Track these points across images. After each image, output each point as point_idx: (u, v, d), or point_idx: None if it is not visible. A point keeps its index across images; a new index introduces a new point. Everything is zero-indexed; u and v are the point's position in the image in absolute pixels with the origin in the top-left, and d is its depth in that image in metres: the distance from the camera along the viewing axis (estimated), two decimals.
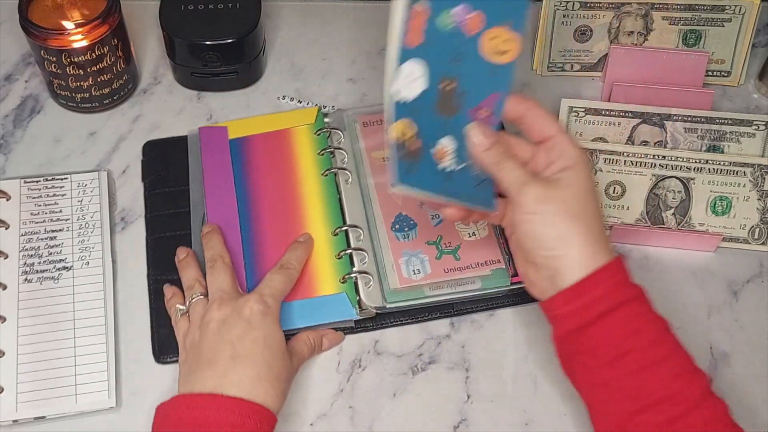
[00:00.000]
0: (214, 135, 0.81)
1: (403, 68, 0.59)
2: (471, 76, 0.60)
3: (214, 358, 0.61)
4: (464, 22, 0.60)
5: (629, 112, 0.81)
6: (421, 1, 0.59)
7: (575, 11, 0.86)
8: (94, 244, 0.75)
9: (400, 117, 0.59)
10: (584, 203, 0.60)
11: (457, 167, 0.61)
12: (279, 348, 0.63)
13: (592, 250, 0.59)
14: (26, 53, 0.89)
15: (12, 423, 0.66)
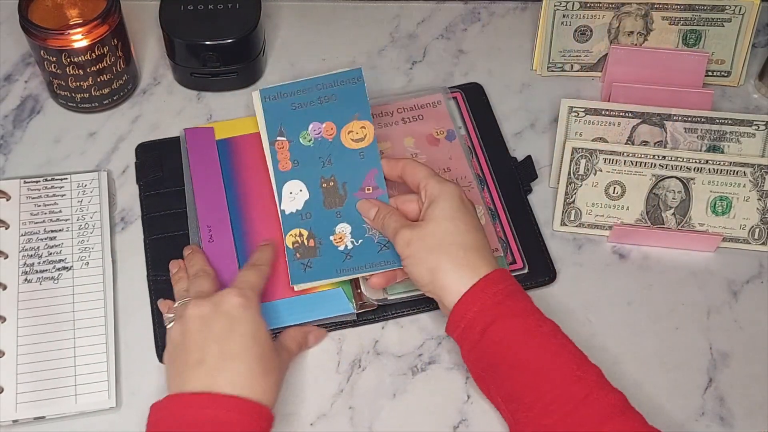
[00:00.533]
0: (200, 136, 0.81)
1: (285, 187, 0.73)
2: (345, 169, 0.73)
3: (203, 357, 0.61)
4: (321, 133, 0.74)
5: (629, 112, 0.81)
6: (278, 138, 0.74)
7: (575, 11, 0.86)
8: (94, 245, 0.75)
9: (291, 228, 0.72)
10: (448, 232, 0.65)
11: (357, 243, 0.71)
12: (266, 340, 0.63)
13: (462, 273, 0.63)
14: (26, 53, 0.89)
15: (12, 423, 0.66)
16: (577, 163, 0.79)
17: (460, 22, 0.94)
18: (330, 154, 0.73)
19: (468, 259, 0.64)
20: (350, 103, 0.75)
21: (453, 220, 0.65)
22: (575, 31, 0.87)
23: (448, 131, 0.82)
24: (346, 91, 0.76)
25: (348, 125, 0.74)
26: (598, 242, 0.79)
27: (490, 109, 0.86)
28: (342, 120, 0.74)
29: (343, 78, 0.76)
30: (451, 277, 0.64)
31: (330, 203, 0.72)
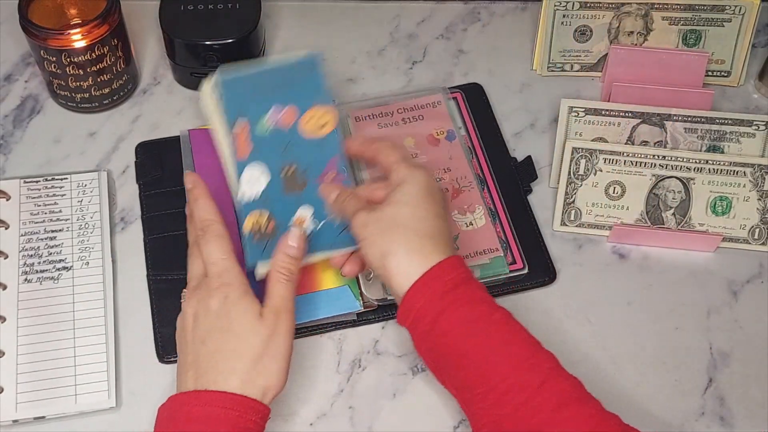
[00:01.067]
0: (206, 137, 0.81)
1: (243, 175, 0.71)
2: (306, 156, 0.72)
3: (196, 359, 0.60)
4: (280, 120, 0.73)
5: (629, 112, 0.81)
6: (238, 122, 0.72)
7: (575, 11, 0.86)
8: (94, 244, 0.75)
9: (248, 212, 0.70)
10: (405, 216, 0.63)
11: (318, 225, 0.70)
12: (252, 330, 0.61)
13: (413, 260, 0.61)
14: (26, 53, 0.89)
15: (12, 423, 0.66)
16: (577, 163, 0.79)
17: (460, 22, 0.94)
18: (288, 144, 0.72)
19: (421, 246, 0.62)
20: (308, 88, 0.74)
21: (413, 205, 0.64)
22: (575, 31, 0.87)
23: (448, 131, 0.82)
24: (303, 78, 0.74)
25: (308, 113, 0.73)
26: (598, 242, 0.79)
27: (490, 109, 0.87)
28: (303, 105, 0.73)
29: (301, 65, 0.75)
30: (401, 263, 0.62)
31: (290, 189, 0.71)
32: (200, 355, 0.60)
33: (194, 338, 0.61)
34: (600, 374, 0.71)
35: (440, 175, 0.79)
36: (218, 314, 0.61)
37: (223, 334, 0.61)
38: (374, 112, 0.83)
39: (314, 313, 0.71)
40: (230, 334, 0.61)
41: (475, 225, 0.76)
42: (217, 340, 0.60)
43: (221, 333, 0.61)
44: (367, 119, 0.82)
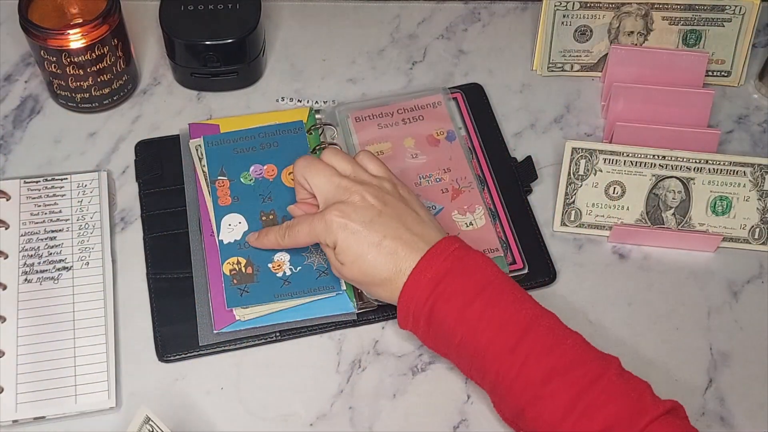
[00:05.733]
0: (206, 132, 0.81)
1: (224, 221, 0.75)
2: (285, 204, 0.74)
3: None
4: (262, 174, 0.77)
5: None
6: (219, 178, 0.77)
7: (575, 11, 0.86)
8: (94, 245, 0.75)
9: (228, 257, 0.73)
10: (358, 269, 0.66)
11: (296, 270, 0.72)
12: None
13: (389, 286, 0.65)
14: (26, 53, 0.89)
15: (12, 423, 0.66)
16: (577, 164, 0.79)
17: (461, 22, 0.94)
18: (270, 192, 0.76)
19: (390, 280, 0.64)
20: (291, 149, 0.79)
21: (353, 259, 0.65)
22: (575, 31, 0.87)
23: (449, 132, 0.82)
24: (287, 139, 0.80)
25: (289, 167, 0.77)
26: (598, 242, 0.79)
27: (490, 109, 0.87)
28: (283, 163, 0.78)
29: (284, 128, 0.80)
30: (382, 293, 0.66)
31: None
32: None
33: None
34: None
35: (440, 175, 0.79)
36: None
37: None
38: (374, 113, 0.83)
39: (308, 313, 0.72)
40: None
41: (475, 225, 0.76)
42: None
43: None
44: (367, 119, 0.82)
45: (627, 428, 0.56)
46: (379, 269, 0.64)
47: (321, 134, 0.82)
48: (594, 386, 0.58)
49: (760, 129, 0.87)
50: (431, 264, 0.63)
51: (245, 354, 0.71)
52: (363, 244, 0.64)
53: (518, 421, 0.61)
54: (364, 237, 0.64)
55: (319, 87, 0.88)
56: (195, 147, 0.80)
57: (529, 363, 0.59)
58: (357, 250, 0.64)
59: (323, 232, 0.65)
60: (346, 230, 0.64)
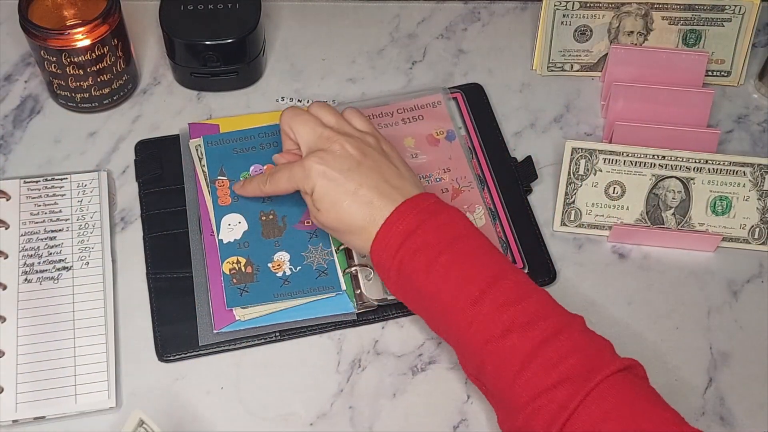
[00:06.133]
0: (205, 132, 0.81)
1: (223, 221, 0.75)
2: (284, 203, 0.75)
3: None
4: (263, 172, 0.77)
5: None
6: (219, 178, 0.77)
7: (575, 11, 0.86)
8: (94, 244, 0.75)
9: (228, 256, 0.73)
10: (333, 217, 0.67)
11: (296, 270, 0.72)
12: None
13: (363, 236, 0.65)
14: (26, 53, 0.89)
15: (12, 423, 0.66)
16: (577, 163, 0.79)
17: (460, 22, 0.94)
18: None
19: (362, 228, 0.65)
20: None
21: (328, 208, 0.66)
22: (575, 31, 0.87)
23: (448, 131, 0.82)
24: None
25: None
26: (598, 242, 0.79)
27: (490, 109, 0.87)
28: None
29: None
30: (356, 244, 0.67)
31: (268, 234, 0.75)
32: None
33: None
34: None
35: (440, 175, 0.79)
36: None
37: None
38: (374, 112, 0.83)
39: (307, 313, 0.72)
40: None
41: (475, 224, 0.76)
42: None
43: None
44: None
45: (582, 383, 0.56)
46: (354, 217, 0.65)
47: None
48: (553, 341, 0.58)
49: (760, 129, 0.87)
50: (404, 216, 0.64)
51: (245, 354, 0.71)
52: (339, 192, 0.65)
53: (480, 376, 0.61)
54: (340, 185, 0.65)
55: (319, 87, 0.88)
56: (195, 147, 0.80)
57: (490, 316, 0.59)
58: (333, 197, 0.65)
59: (302, 179, 0.67)
60: (324, 177, 0.65)
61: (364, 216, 0.64)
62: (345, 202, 0.65)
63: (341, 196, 0.65)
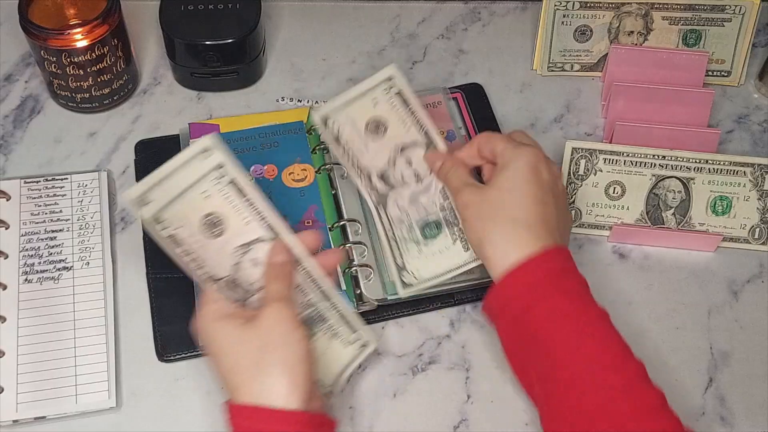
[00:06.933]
0: (206, 132, 0.81)
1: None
2: (285, 204, 0.74)
3: None
4: (262, 174, 0.78)
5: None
6: None
7: (575, 11, 0.86)
8: (95, 245, 0.75)
9: None
10: (505, 202, 0.64)
11: None
12: (228, 347, 0.59)
13: (507, 249, 0.62)
14: (26, 53, 0.89)
15: (12, 423, 0.66)
16: (577, 163, 0.79)
17: (461, 22, 0.94)
18: (270, 192, 0.76)
19: (517, 236, 0.62)
20: (292, 149, 0.80)
21: (514, 190, 0.64)
22: (575, 31, 0.87)
23: (449, 131, 0.82)
24: (287, 139, 0.80)
25: (289, 167, 0.79)
26: (598, 242, 0.79)
27: (490, 109, 0.87)
28: (283, 163, 0.79)
29: (284, 128, 0.81)
30: (495, 252, 0.62)
31: None
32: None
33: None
34: None
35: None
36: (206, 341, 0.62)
37: (212, 357, 0.61)
38: None
39: None
40: (216, 356, 0.60)
41: None
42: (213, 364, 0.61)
43: (211, 356, 0.61)
44: None
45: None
46: (531, 212, 0.63)
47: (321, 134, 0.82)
48: None
49: (760, 129, 0.87)
50: (555, 257, 0.62)
51: None
52: (538, 188, 0.64)
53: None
54: (540, 179, 0.65)
55: (319, 87, 0.88)
56: None
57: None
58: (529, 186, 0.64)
59: (534, 156, 0.65)
60: (542, 163, 0.65)
61: (533, 221, 0.63)
62: (539, 196, 0.64)
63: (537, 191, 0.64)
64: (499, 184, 0.65)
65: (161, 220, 0.60)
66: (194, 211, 0.61)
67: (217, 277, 0.62)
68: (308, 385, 0.58)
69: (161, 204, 0.60)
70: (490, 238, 0.63)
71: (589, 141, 0.81)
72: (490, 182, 0.66)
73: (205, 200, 0.61)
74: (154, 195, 0.60)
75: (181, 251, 0.60)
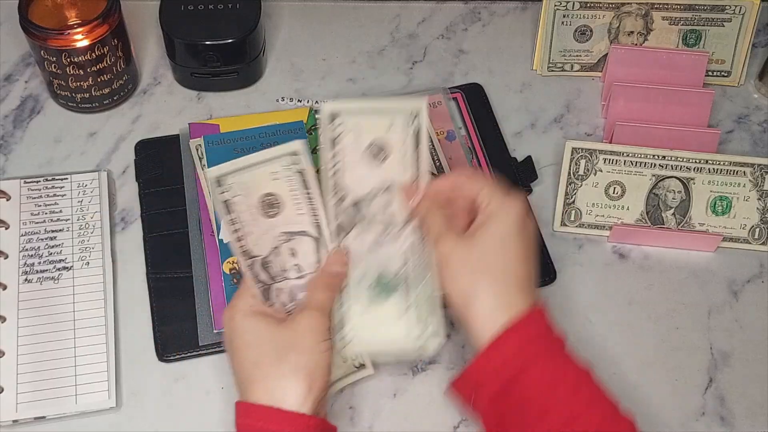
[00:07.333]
0: (206, 132, 0.81)
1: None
2: None
3: None
4: None
5: None
6: None
7: (575, 11, 0.86)
8: (94, 244, 0.75)
9: (228, 256, 0.72)
10: (494, 258, 0.60)
11: None
12: (251, 343, 0.59)
13: (495, 312, 0.58)
14: (26, 53, 0.89)
15: (12, 423, 0.66)
16: (577, 164, 0.79)
17: (461, 22, 0.94)
18: None
19: (507, 296, 0.59)
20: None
21: (505, 246, 0.60)
22: (575, 31, 0.87)
23: (449, 132, 0.82)
24: (287, 139, 0.76)
25: None
26: (598, 242, 0.79)
27: (490, 109, 0.87)
28: None
29: (284, 128, 0.80)
30: (484, 312, 0.58)
31: None
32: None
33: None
34: (600, 374, 0.71)
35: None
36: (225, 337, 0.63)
37: (230, 354, 0.62)
38: None
39: None
40: (231, 351, 0.62)
41: None
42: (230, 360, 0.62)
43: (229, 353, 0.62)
44: None
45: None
46: (519, 265, 0.60)
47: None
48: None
49: (760, 129, 0.87)
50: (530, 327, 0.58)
51: None
52: (523, 238, 0.61)
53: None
54: (527, 233, 0.62)
55: (319, 87, 0.88)
56: (195, 147, 0.80)
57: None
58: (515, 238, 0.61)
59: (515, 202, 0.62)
60: (528, 214, 0.62)
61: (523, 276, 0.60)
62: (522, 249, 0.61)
63: (522, 242, 0.61)
64: (488, 237, 0.60)
65: (223, 183, 0.61)
66: (258, 186, 0.62)
67: (252, 254, 0.63)
68: (322, 395, 0.58)
69: (229, 168, 0.61)
70: (479, 295, 0.58)
71: (589, 141, 0.81)
72: (475, 233, 0.61)
73: (273, 181, 0.62)
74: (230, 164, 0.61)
75: (230, 219, 0.62)
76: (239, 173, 0.61)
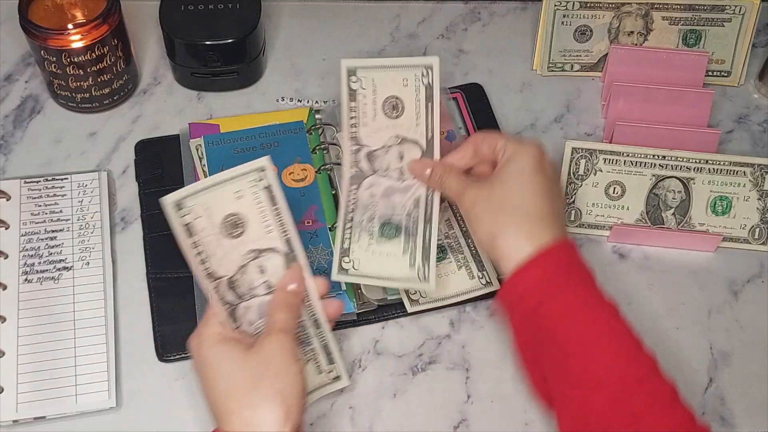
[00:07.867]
0: (206, 132, 0.81)
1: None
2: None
3: None
4: None
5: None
6: None
7: (575, 11, 0.86)
8: (94, 244, 0.75)
9: None
10: (513, 195, 0.63)
11: None
12: (223, 372, 0.58)
13: (521, 242, 0.61)
14: (26, 53, 0.89)
15: (12, 423, 0.66)
16: (577, 163, 0.79)
17: (461, 22, 0.94)
18: None
19: (531, 228, 0.62)
20: (292, 148, 0.80)
21: (523, 183, 0.64)
22: (575, 31, 0.87)
23: (449, 132, 0.82)
24: (287, 139, 0.80)
25: (289, 167, 0.79)
26: (598, 242, 0.79)
27: (490, 109, 0.87)
28: (283, 163, 0.78)
29: (284, 128, 0.81)
30: (509, 245, 0.61)
31: None
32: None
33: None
34: None
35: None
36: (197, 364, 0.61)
37: (203, 383, 0.60)
38: None
39: None
40: (205, 381, 0.60)
41: None
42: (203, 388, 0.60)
43: (203, 382, 0.60)
44: None
45: None
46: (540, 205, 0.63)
47: (321, 134, 0.82)
48: None
49: (760, 129, 0.87)
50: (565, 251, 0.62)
51: None
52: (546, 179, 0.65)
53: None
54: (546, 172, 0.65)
55: (319, 87, 0.88)
56: (195, 147, 0.80)
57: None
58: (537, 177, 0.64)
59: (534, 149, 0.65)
60: (545, 157, 0.66)
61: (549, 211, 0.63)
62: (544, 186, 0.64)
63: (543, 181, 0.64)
64: (507, 178, 0.64)
65: (183, 206, 0.60)
66: (221, 206, 0.61)
67: (217, 275, 0.62)
68: (300, 418, 0.58)
69: (188, 192, 0.60)
70: (504, 231, 0.62)
71: (589, 141, 0.81)
72: (494, 177, 0.65)
73: (236, 200, 0.61)
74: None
75: (192, 242, 0.61)
76: (199, 195, 0.60)
